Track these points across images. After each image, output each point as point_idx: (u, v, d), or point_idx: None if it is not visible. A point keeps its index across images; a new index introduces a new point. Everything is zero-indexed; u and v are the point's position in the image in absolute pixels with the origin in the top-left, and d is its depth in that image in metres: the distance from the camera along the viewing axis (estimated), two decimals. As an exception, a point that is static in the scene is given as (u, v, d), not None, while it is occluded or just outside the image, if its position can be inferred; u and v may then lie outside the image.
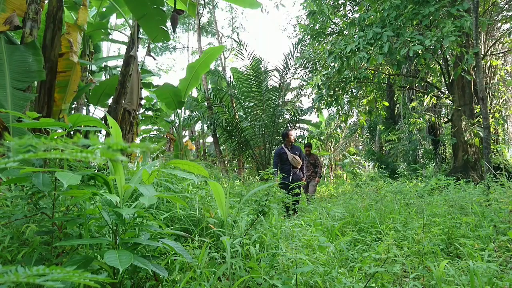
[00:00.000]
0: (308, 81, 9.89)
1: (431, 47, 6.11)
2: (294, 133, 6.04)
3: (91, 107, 7.98)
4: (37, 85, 4.00)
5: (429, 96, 9.01)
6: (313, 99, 9.65)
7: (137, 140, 8.42)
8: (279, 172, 5.70)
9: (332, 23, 9.43)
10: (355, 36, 6.92)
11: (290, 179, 5.65)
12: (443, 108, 11.67)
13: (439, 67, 9.20)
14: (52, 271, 0.46)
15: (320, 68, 9.61)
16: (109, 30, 7.77)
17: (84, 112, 7.68)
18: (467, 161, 7.83)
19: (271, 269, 1.90)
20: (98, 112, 16.32)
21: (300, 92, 11.19)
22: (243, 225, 2.20)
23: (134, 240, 1.47)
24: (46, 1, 4.15)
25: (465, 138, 7.91)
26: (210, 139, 15.66)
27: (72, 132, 1.82)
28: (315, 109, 10.37)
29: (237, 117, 11.05)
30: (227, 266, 1.76)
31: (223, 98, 10.82)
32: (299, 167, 5.72)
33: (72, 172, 1.41)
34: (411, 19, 6.36)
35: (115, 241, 1.44)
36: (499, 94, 9.75)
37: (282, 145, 5.92)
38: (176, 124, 10.73)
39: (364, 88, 10.55)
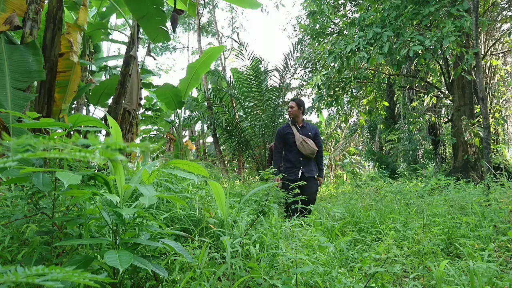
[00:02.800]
0: (308, 81, 9.89)
1: (431, 47, 6.11)
2: (296, 104, 3.97)
3: (91, 107, 7.98)
4: (37, 85, 4.00)
5: (429, 96, 9.01)
6: (313, 99, 9.65)
7: (137, 140, 8.42)
8: (281, 166, 4.00)
9: (332, 23, 9.43)
10: (355, 36, 6.92)
11: (299, 176, 3.80)
12: (443, 108, 11.68)
13: (439, 67, 9.20)
14: (52, 271, 0.46)
15: (320, 68, 9.61)
16: (109, 30, 7.77)
17: (84, 112, 7.68)
18: (467, 161, 7.83)
19: (271, 269, 1.90)
20: (98, 112, 16.33)
21: (300, 92, 11.19)
22: (243, 225, 2.20)
23: (134, 240, 1.47)
24: (46, 1, 4.15)
25: (465, 138, 7.91)
26: (210, 139, 15.67)
27: (72, 132, 1.82)
28: (315, 109, 10.38)
29: (237, 117, 11.05)
30: (227, 266, 1.76)
31: (223, 98, 10.82)
32: (313, 156, 3.89)
33: (72, 172, 1.41)
34: (411, 19, 6.36)
35: (115, 241, 1.44)
36: (499, 94, 9.75)
37: (289, 122, 4.03)
38: (176, 124, 10.74)
39: (364, 88, 10.56)
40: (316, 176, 3.96)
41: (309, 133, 3.93)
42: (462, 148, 8.02)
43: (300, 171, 3.85)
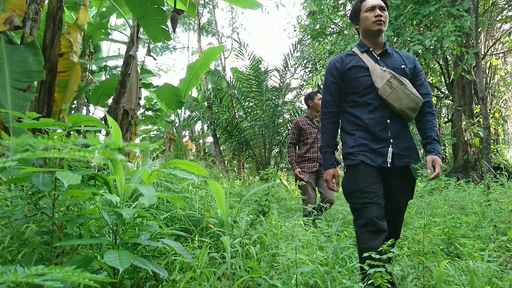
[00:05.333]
0: (308, 81, 9.89)
1: (431, 47, 6.11)
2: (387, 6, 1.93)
3: (91, 107, 7.99)
4: (37, 85, 4.00)
5: (429, 96, 8.99)
6: (313, 99, 9.64)
7: (137, 140, 8.42)
8: (347, 141, 1.87)
9: (332, 23, 9.43)
10: (355, 36, 6.92)
11: (389, 158, 1.76)
12: (443, 108, 11.68)
13: (439, 67, 9.20)
14: (52, 270, 0.46)
15: (320, 68, 9.61)
16: (109, 30, 7.77)
17: (84, 112, 7.68)
18: (467, 161, 7.82)
19: (271, 269, 1.89)
20: (98, 112, 16.34)
21: (300, 92, 11.18)
22: (243, 225, 2.20)
23: (134, 240, 1.47)
24: (46, 1, 4.15)
25: (465, 138, 7.90)
26: (210, 139, 15.66)
27: (71, 132, 1.82)
28: (315, 109, 10.36)
29: (237, 117, 11.05)
30: (227, 266, 1.75)
31: (223, 98, 10.82)
32: (413, 116, 1.84)
33: (72, 172, 1.41)
34: (411, 19, 6.36)
35: (115, 241, 1.44)
36: (499, 94, 9.75)
37: (355, 46, 2.02)
38: (176, 124, 10.73)
39: (364, 88, 10.55)
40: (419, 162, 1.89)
41: (402, 66, 1.88)
42: (462, 148, 8.02)
43: (390, 151, 1.78)
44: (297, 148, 3.93)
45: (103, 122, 3.81)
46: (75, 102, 6.95)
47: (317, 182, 3.75)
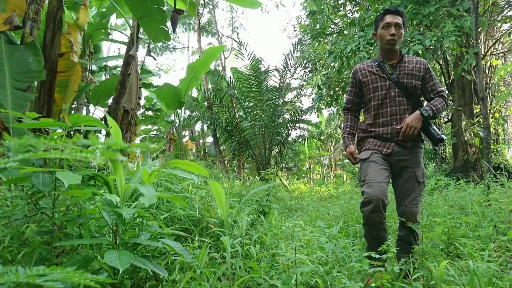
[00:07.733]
0: (308, 81, 9.89)
1: (431, 47, 6.11)
2: None
3: (91, 107, 7.98)
4: (37, 85, 4.00)
5: (429, 96, 8.99)
6: (313, 99, 9.66)
7: (137, 140, 8.42)
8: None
9: (332, 23, 9.44)
10: (355, 36, 6.92)
11: None
12: (443, 108, 11.65)
13: (439, 67, 9.20)
14: (52, 271, 0.46)
15: (320, 68, 9.62)
16: (109, 30, 7.77)
17: (84, 112, 7.68)
18: (467, 161, 7.82)
19: (271, 269, 1.89)
20: (98, 112, 16.32)
21: (300, 92, 11.18)
22: (243, 225, 2.20)
23: (134, 240, 1.47)
24: (46, 1, 4.15)
25: (465, 138, 7.91)
26: (210, 139, 15.66)
27: (72, 132, 1.82)
28: (315, 109, 10.38)
29: (237, 117, 11.05)
30: (227, 266, 1.75)
31: (223, 98, 10.82)
32: None
33: (72, 172, 1.41)
34: (411, 19, 6.35)
35: (115, 241, 1.44)
36: (499, 94, 9.75)
37: None
38: (176, 124, 10.73)
39: (364, 88, 10.53)
40: None
41: None
42: (462, 148, 8.02)
43: None
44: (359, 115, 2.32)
45: (103, 122, 3.81)
46: (75, 102, 6.95)
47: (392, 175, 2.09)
